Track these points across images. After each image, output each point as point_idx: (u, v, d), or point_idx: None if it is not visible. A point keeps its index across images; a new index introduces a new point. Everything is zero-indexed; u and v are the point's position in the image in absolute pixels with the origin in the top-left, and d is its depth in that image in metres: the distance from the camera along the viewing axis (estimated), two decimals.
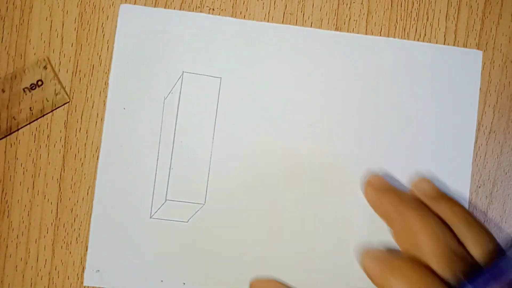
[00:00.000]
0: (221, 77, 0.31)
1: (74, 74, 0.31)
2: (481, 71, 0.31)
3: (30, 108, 0.30)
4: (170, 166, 0.31)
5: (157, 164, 0.31)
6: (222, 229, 0.30)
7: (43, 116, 0.31)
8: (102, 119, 0.31)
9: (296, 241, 0.30)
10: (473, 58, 0.31)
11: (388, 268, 0.24)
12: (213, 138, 0.31)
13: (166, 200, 0.30)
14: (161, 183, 0.31)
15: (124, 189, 0.30)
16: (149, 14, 0.31)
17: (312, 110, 0.31)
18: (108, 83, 0.31)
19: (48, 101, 0.30)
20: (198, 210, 0.30)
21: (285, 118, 0.31)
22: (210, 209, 0.30)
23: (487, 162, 0.31)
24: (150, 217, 0.31)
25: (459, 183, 0.31)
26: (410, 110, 0.31)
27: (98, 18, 0.31)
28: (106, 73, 0.31)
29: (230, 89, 0.31)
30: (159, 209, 0.31)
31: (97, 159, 0.31)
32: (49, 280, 0.30)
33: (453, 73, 0.31)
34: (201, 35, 0.31)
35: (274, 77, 0.31)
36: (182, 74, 0.31)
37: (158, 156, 0.31)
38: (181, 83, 0.31)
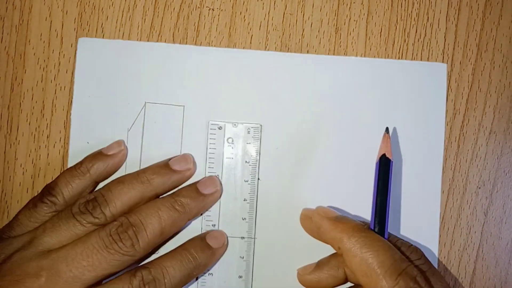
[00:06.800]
0: (184, 105, 0.31)
1: (73, 74, 0.31)
2: (481, 72, 0.31)
3: None
4: None
5: None
6: None
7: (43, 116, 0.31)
8: None
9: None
10: (438, 71, 0.31)
11: (344, 227, 0.27)
12: None
13: None
14: None
15: None
16: (108, 46, 0.31)
17: (277, 132, 0.31)
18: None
19: None
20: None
21: (252, 141, 0.31)
22: None
23: (487, 163, 0.31)
24: None
25: (430, 192, 0.31)
26: (382, 121, 0.31)
27: (98, 19, 0.31)
28: None
29: (193, 117, 0.31)
30: None
31: None
32: None
33: (420, 86, 0.31)
34: (161, 64, 0.31)
35: (237, 101, 0.31)
36: (145, 104, 0.31)
37: None
38: (144, 113, 0.30)
